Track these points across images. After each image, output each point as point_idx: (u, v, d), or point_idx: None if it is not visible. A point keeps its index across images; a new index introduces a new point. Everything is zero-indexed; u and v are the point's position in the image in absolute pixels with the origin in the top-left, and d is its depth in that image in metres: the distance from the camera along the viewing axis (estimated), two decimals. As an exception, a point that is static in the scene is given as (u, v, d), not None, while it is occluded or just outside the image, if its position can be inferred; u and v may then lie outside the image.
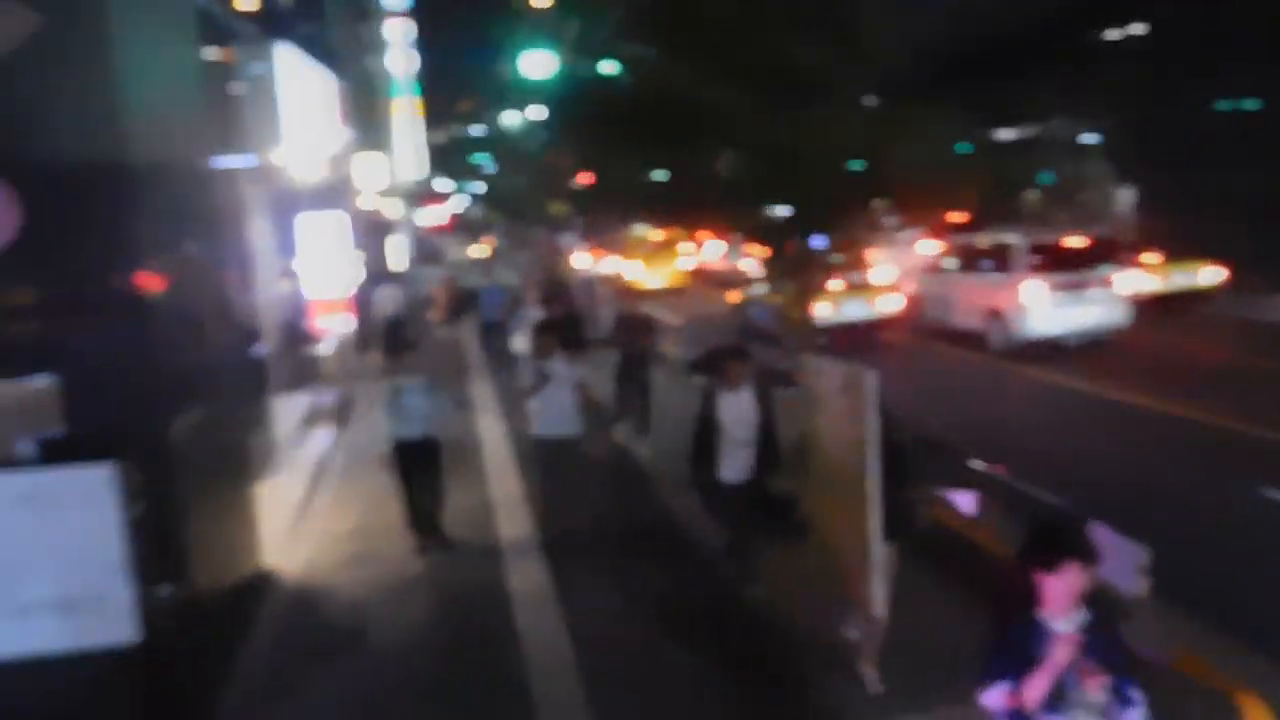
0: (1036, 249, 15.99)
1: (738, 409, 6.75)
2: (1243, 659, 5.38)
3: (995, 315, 16.00)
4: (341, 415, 13.53)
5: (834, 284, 16.95)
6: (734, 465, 6.74)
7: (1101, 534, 5.69)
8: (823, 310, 14.41)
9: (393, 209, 34.87)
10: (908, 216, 27.34)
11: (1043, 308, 15.32)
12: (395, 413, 8.08)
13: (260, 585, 7.56)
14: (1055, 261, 15.74)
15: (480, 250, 35.47)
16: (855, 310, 17.82)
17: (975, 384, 14.23)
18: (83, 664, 4.90)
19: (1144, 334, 15.81)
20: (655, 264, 30.55)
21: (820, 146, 8.30)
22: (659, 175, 12.07)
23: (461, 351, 17.29)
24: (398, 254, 32.78)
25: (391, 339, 16.24)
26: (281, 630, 7.00)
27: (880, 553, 5.16)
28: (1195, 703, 4.87)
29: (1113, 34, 32.08)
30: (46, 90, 4.90)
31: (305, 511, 9.61)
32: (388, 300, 18.27)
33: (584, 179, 21.08)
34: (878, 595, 5.20)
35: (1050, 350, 15.21)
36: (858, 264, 19.82)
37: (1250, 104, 25.24)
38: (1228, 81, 24.43)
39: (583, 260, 26.11)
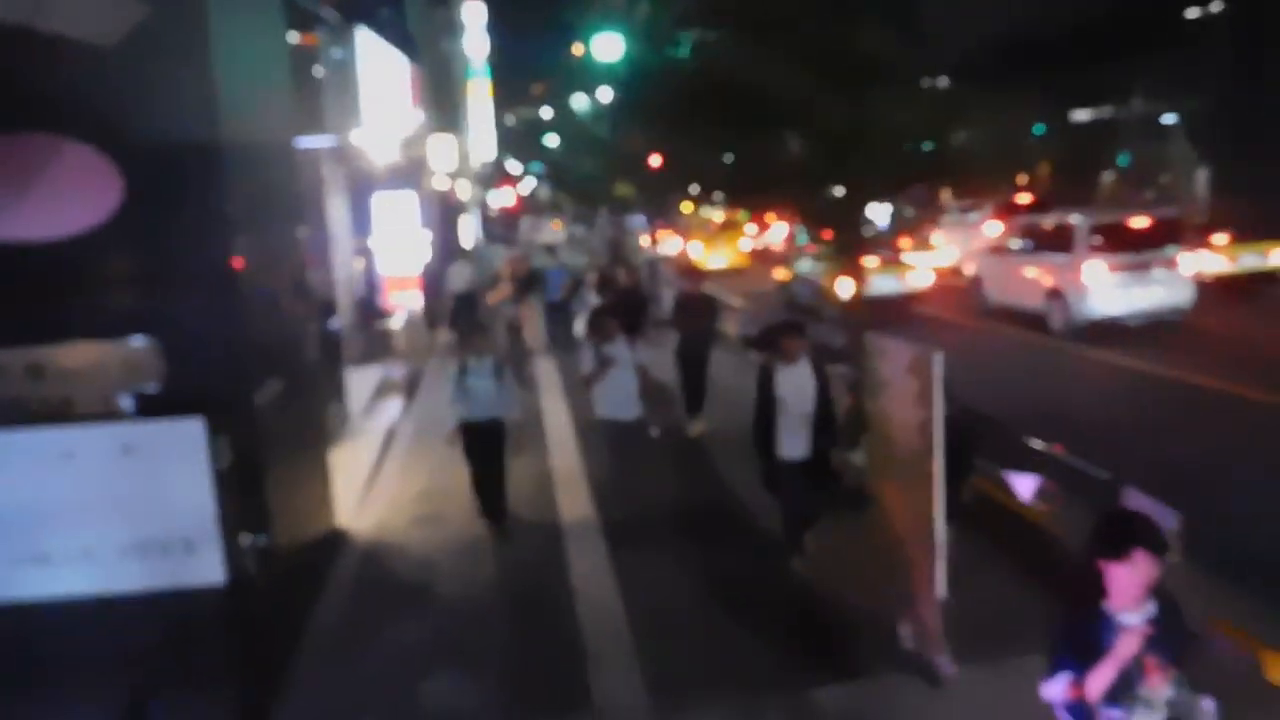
0: (1098, 229, 15.85)
1: (795, 384, 6.85)
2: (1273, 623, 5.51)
3: (1055, 295, 15.94)
4: (410, 388, 14.06)
5: (868, 260, 17.45)
6: (793, 440, 6.85)
7: (1134, 498, 5.88)
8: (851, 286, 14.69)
9: (464, 190, 35.52)
10: (974, 198, 27.21)
11: (1104, 288, 15.23)
12: (461, 394, 8.12)
13: (335, 542, 8.06)
14: (1118, 242, 15.60)
15: (551, 233, 35.98)
16: (885, 285, 18.44)
17: (1034, 364, 14.24)
18: (178, 602, 5.40)
19: (1210, 315, 15.62)
20: (717, 245, 30.83)
21: (878, 130, 8.49)
22: (725, 158, 12.25)
23: (527, 332, 17.65)
24: (468, 234, 33.43)
25: (461, 315, 16.84)
26: (355, 582, 7.48)
27: (943, 535, 5.19)
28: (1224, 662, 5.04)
29: (1194, 12, 31.28)
30: (148, 75, 5.35)
31: (376, 476, 10.11)
32: (459, 276, 18.73)
33: (652, 162, 21.30)
34: (940, 578, 5.22)
35: (1112, 331, 15.11)
36: (891, 242, 20.87)
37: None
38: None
39: (647, 242, 26.40)
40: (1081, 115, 39.00)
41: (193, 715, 5.38)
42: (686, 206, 30.32)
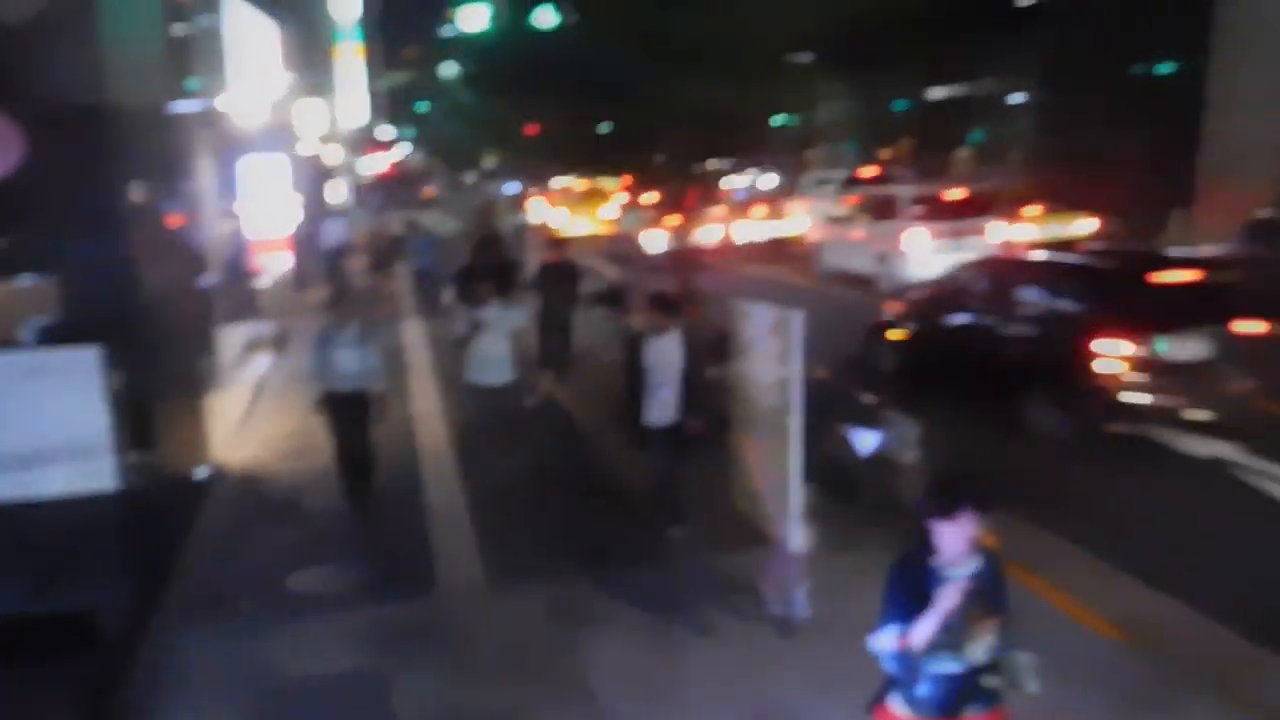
0: (919, 200, 17.66)
1: (664, 353, 7.04)
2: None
3: (883, 259, 17.64)
4: (279, 344, 14.74)
5: (670, 219, 19.68)
6: (661, 407, 7.04)
7: (888, 414, 7.28)
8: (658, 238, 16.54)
9: (334, 155, 35.59)
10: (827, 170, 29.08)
11: (923, 253, 16.98)
12: (323, 363, 7.85)
13: (213, 470, 8.92)
14: (936, 212, 17.42)
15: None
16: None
17: (860, 319, 15.81)
18: (75, 507, 6.24)
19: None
20: (581, 212, 31.97)
21: (693, 108, 9.77)
22: (593, 128, 13.27)
23: (391, 300, 17.82)
24: (338, 198, 33.62)
25: (335, 272, 17.44)
26: (231, 500, 8.44)
27: (799, 490, 5.38)
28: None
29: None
30: (44, 44, 6.13)
31: (247, 420, 10.93)
32: (332, 233, 19.27)
33: (517, 130, 22.22)
34: (796, 531, 5.44)
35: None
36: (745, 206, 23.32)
37: (1163, 68, 26.92)
38: (1143, 48, 25.95)
39: (516, 208, 27.35)
40: (939, 93, 41.47)
41: (93, 600, 6.24)
42: (557, 174, 31.30)
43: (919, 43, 29.64)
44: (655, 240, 11.81)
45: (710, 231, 23.59)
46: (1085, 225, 20.75)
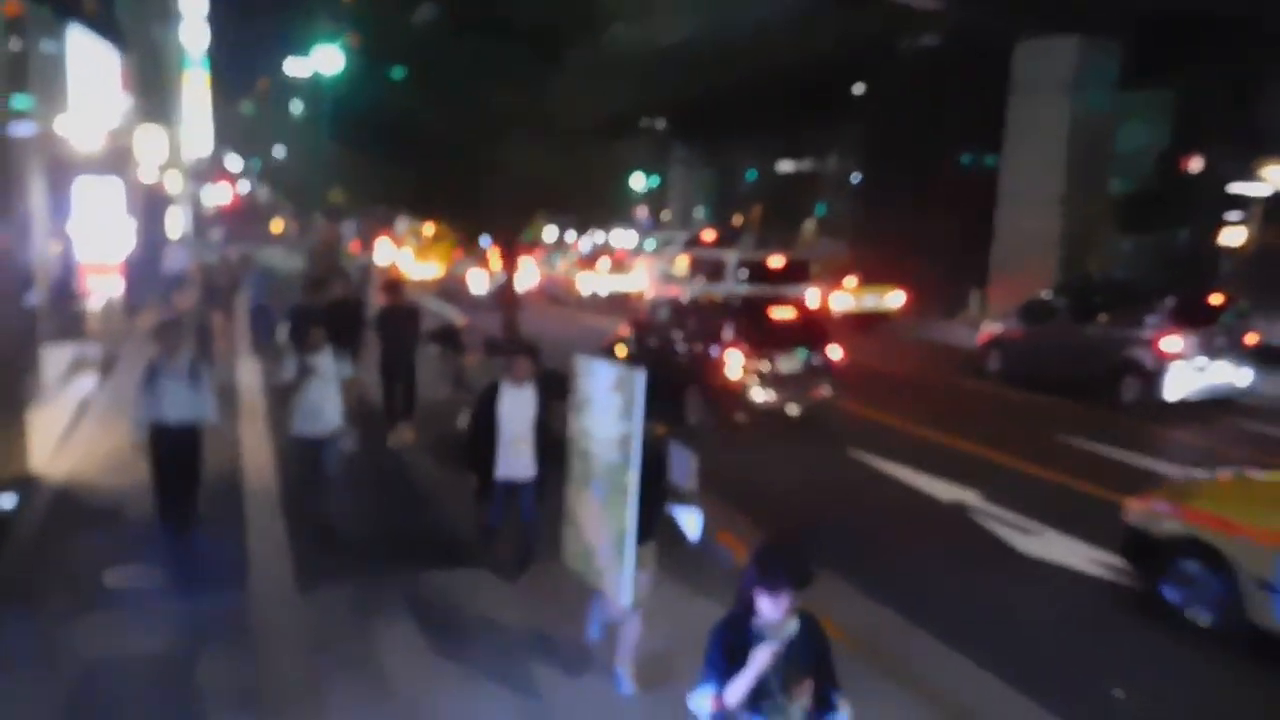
0: (743, 265, 19.13)
1: (518, 405, 6.92)
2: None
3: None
4: (106, 367, 14.64)
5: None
6: (508, 460, 6.93)
7: (672, 446, 8.11)
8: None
9: (175, 183, 34.86)
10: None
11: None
12: (152, 395, 7.55)
13: (31, 480, 9.09)
14: (759, 277, 18.86)
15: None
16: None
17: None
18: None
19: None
20: (428, 255, 32.34)
21: (504, 173, 10.72)
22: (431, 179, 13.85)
23: (224, 335, 17.02)
24: (176, 227, 32.96)
25: (168, 298, 17.22)
26: (49, 507, 8.68)
27: (634, 546, 5.34)
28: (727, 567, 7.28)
29: (859, 89, 36.19)
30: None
31: (69, 436, 10.98)
32: (175, 258, 19.16)
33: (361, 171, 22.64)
34: (628, 588, 5.38)
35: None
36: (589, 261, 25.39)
37: (966, 160, 29.58)
38: (950, 141, 28.45)
39: (359, 249, 27.63)
40: (787, 166, 44.06)
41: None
42: (402, 217, 31.65)
43: (765, 117, 31.63)
44: (480, 282, 13.03)
45: (537, 278, 24.99)
46: (895, 298, 22.69)
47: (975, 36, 23.55)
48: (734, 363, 12.30)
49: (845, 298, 22.25)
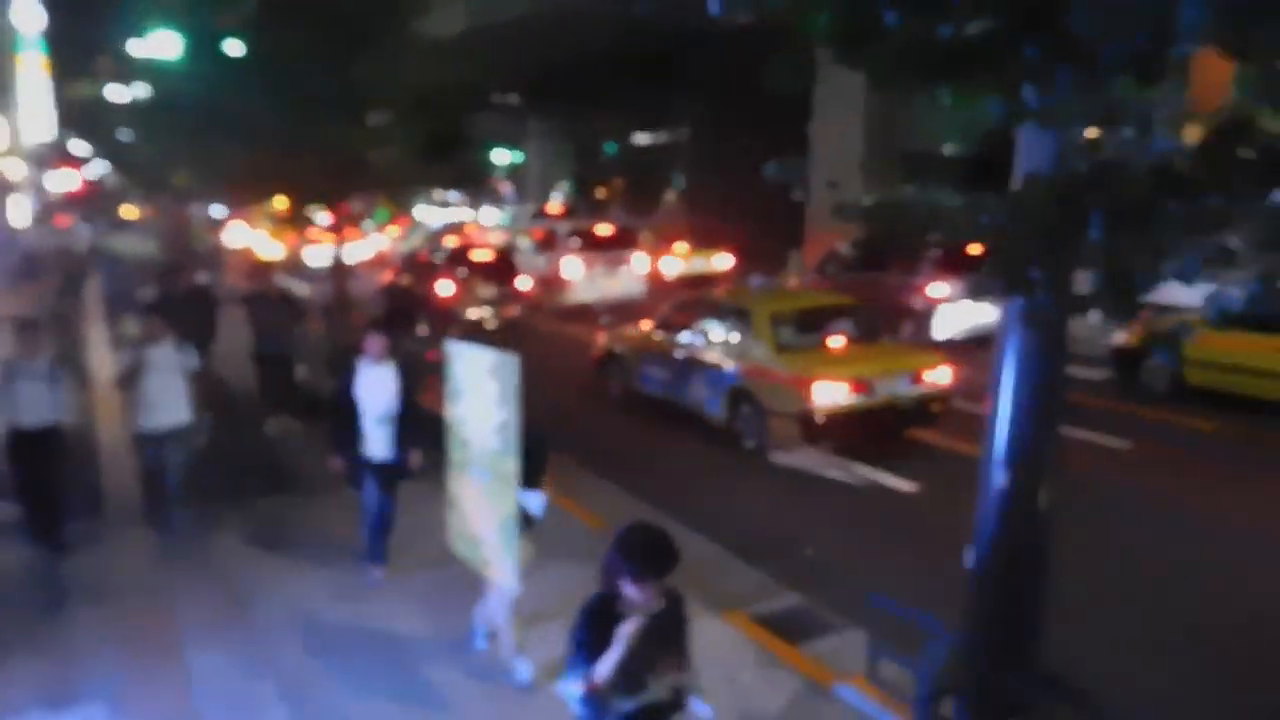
0: (574, 234, 20.62)
1: (377, 383, 6.74)
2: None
3: (546, 285, 20.36)
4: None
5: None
6: (372, 440, 6.77)
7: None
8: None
9: (16, 170, 34.19)
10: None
11: (578, 280, 19.86)
12: (8, 398, 7.28)
13: None
14: (590, 245, 20.40)
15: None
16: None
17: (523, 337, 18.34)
18: None
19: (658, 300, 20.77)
20: (282, 235, 32.52)
21: (317, 154, 12.01)
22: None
23: (79, 329, 16.99)
24: (19, 216, 32.51)
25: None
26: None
27: (516, 531, 5.33)
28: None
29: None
30: None
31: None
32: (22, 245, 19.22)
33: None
34: (515, 573, 5.38)
35: (584, 312, 19.70)
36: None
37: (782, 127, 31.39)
38: (771, 109, 30.21)
39: (213, 230, 28.02)
40: (644, 139, 45.25)
41: None
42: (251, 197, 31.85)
43: (608, 90, 32.95)
44: (319, 256, 15.03)
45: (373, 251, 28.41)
46: (723, 260, 24.55)
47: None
48: (446, 289, 17.70)
49: (676, 262, 24.00)
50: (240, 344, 12.00)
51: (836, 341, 10.78)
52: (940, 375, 10.52)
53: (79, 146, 65.35)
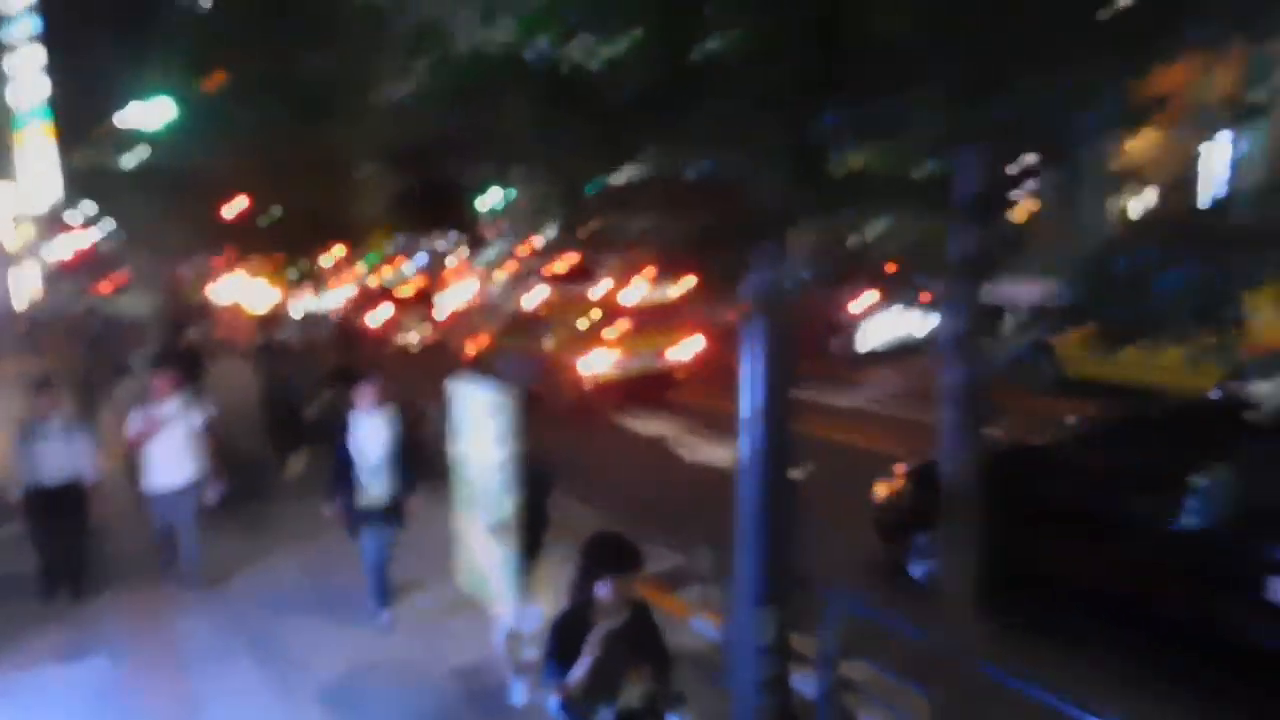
0: (540, 269, 22.59)
1: (370, 431, 6.75)
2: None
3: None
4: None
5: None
6: (369, 488, 6.76)
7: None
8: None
9: (22, 237, 34.91)
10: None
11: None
12: (27, 459, 7.37)
13: None
14: (553, 279, 22.32)
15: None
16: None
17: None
18: None
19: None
20: (279, 282, 33.76)
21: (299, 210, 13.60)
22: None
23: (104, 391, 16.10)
24: (20, 285, 33.23)
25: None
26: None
27: (519, 570, 5.45)
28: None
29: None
30: None
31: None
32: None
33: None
34: (515, 606, 5.51)
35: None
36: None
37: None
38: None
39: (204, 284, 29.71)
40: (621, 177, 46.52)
41: None
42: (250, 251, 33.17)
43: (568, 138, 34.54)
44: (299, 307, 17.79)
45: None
46: (680, 288, 25.96)
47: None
48: (381, 319, 23.94)
49: (637, 291, 25.44)
50: (237, 395, 12.65)
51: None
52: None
53: (82, 211, 66.70)
